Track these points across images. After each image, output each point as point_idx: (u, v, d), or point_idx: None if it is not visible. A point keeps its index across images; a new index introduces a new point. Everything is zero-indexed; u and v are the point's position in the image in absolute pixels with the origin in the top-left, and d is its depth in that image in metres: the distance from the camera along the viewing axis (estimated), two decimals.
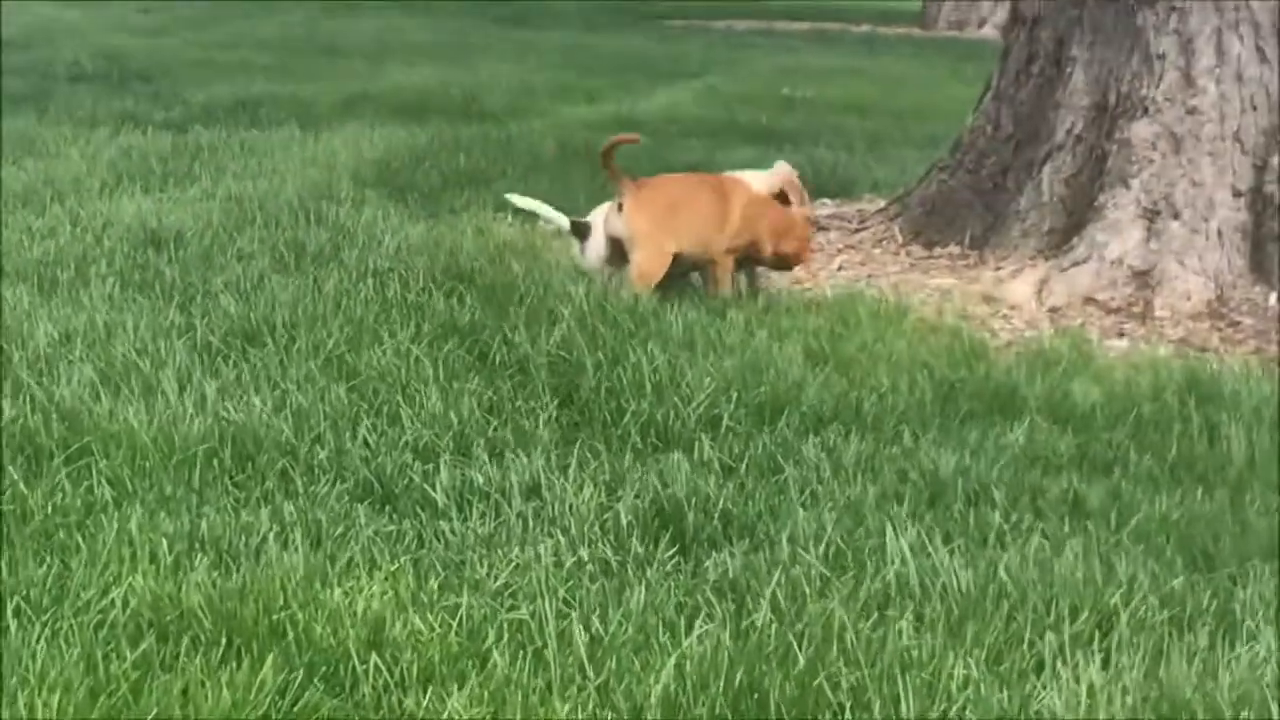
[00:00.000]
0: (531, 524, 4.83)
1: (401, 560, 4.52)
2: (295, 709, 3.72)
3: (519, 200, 7.91)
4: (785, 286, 8.25)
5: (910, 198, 9.61)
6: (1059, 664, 3.97)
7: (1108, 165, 8.47)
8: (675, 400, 5.77)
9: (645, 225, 7.36)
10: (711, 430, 5.64)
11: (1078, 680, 3.89)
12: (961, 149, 9.45)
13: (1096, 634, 4.18)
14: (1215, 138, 8.31)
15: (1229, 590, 4.50)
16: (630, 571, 4.53)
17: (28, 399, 5.43)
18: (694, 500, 4.95)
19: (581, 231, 7.61)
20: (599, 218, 7.59)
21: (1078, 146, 8.67)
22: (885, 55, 22.66)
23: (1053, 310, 7.98)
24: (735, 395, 5.88)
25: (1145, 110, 8.41)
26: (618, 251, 7.43)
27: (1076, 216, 8.52)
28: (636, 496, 5.00)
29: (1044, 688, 3.89)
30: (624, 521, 4.83)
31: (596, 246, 7.48)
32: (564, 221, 7.70)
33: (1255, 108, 8.34)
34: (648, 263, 7.32)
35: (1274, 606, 4.36)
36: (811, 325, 7.00)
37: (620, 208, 7.38)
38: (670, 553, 4.66)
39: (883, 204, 10.26)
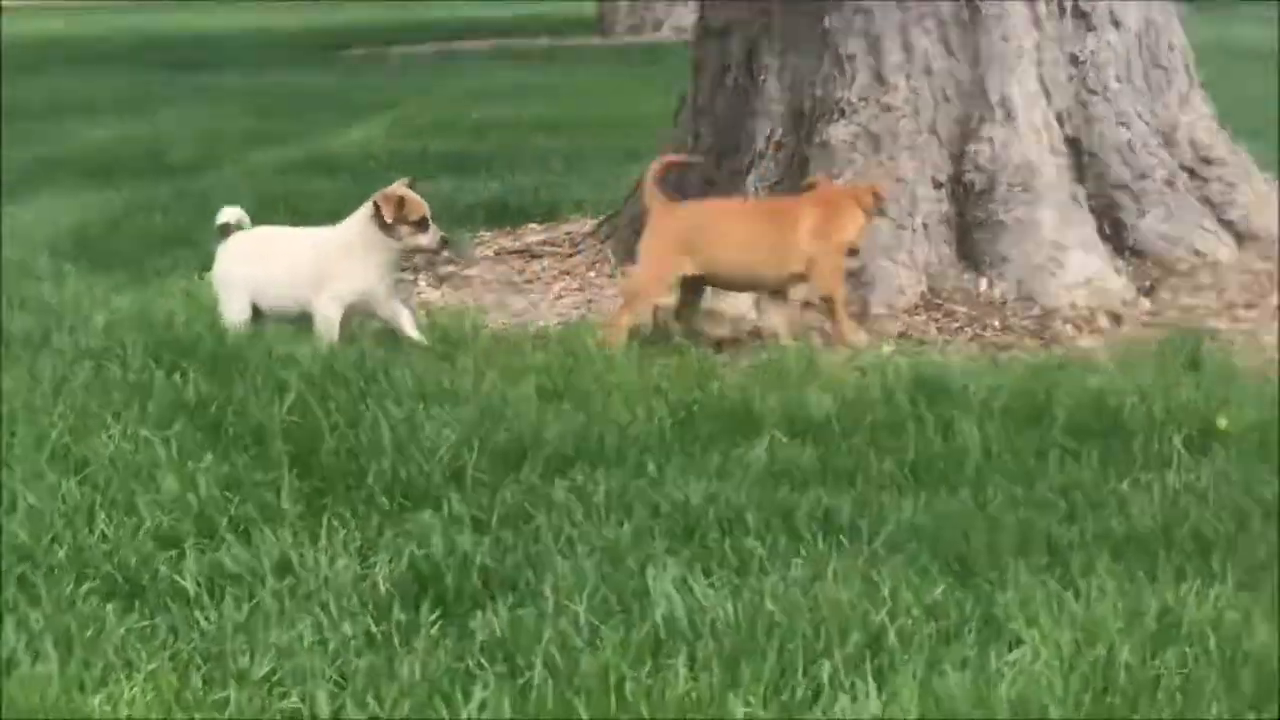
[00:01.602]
0: (288, 603, 4.72)
1: (160, 658, 4.38)
2: None
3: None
4: (507, 322, 8.21)
5: (619, 217, 9.64)
6: (842, 691, 3.98)
7: (810, 169, 8.58)
8: (417, 456, 5.70)
9: None
10: (457, 483, 5.58)
11: (856, 705, 3.91)
12: None
13: (868, 654, 4.21)
14: (912, 132, 8.48)
15: (989, 594, 4.56)
16: (397, 642, 4.44)
17: None
18: (450, 559, 4.88)
19: (225, 232, 7.73)
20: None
21: (779, 153, 8.77)
22: (570, 67, 22.75)
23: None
24: (477, 444, 5.82)
25: (841, 112, 8.55)
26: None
27: None
28: (391, 562, 4.91)
29: (824, 717, 3.90)
30: (382, 590, 4.74)
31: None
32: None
33: (947, 99, 8.53)
34: None
35: (1033, 607, 4.42)
36: (541, 361, 6.97)
37: None
38: (434, 617, 4.59)
39: (589, 225, 10.28)
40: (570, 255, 9.59)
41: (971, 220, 8.42)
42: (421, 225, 7.47)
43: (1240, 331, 7.59)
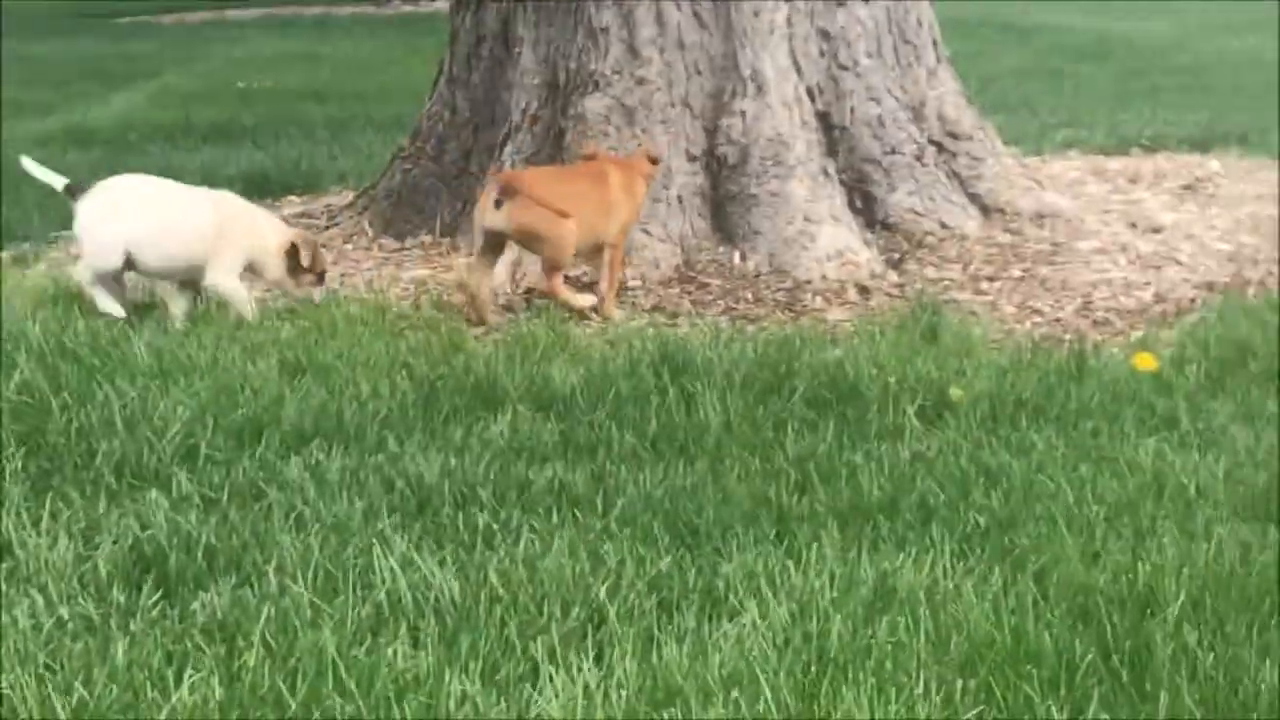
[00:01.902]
0: (5, 586, 4.62)
1: None
2: None
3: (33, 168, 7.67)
4: (259, 295, 8.10)
5: (377, 190, 9.57)
6: (553, 668, 3.98)
7: (565, 141, 8.57)
8: (149, 434, 5.61)
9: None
10: (189, 462, 5.50)
11: (573, 681, 3.91)
12: (421, 136, 9.45)
13: (589, 629, 4.22)
14: (666, 105, 8.50)
15: (714, 565, 4.59)
16: (114, 625, 4.37)
17: None
18: (175, 540, 4.81)
19: (74, 193, 7.46)
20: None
21: (535, 125, 8.75)
22: (342, 37, 22.55)
23: (528, 292, 8.03)
24: (212, 421, 5.74)
25: (596, 85, 8.54)
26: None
27: None
28: (115, 543, 4.83)
29: (540, 694, 3.90)
30: (103, 572, 4.66)
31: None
32: (58, 182, 7.54)
33: (700, 72, 8.56)
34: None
35: (755, 579, 4.46)
36: (286, 336, 6.90)
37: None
38: (154, 599, 4.51)
39: (350, 197, 10.19)
40: (328, 228, 9.50)
41: (725, 194, 8.46)
42: (320, 280, 7.61)
43: (981, 303, 7.71)
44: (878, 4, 8.84)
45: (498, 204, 7.43)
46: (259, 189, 10.82)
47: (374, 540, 4.79)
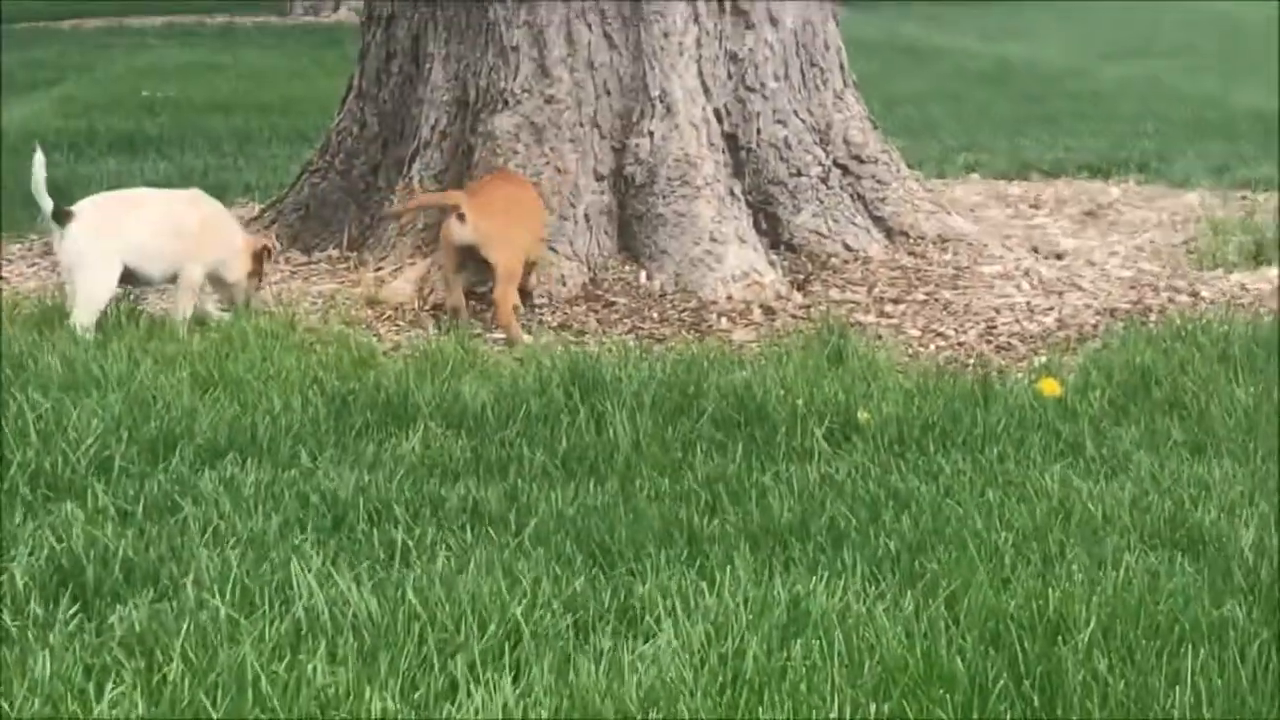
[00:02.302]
0: None
1: None
2: None
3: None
4: (166, 307, 8.11)
5: (284, 203, 9.58)
6: (470, 685, 4.03)
7: (474, 159, 8.63)
8: (63, 445, 5.62)
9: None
10: (104, 474, 5.51)
11: (492, 699, 3.97)
12: (330, 150, 9.47)
13: (506, 647, 4.27)
14: (575, 124, 8.57)
15: (629, 585, 4.66)
16: (31, 637, 4.38)
17: None
18: (92, 553, 4.83)
19: (63, 219, 7.31)
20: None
21: (444, 142, 8.81)
22: (246, 47, 22.48)
23: (435, 308, 8.08)
24: (126, 434, 5.76)
25: (505, 103, 8.59)
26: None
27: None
28: (31, 555, 4.84)
29: (458, 710, 3.95)
30: (20, 584, 4.67)
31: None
32: (47, 205, 7.33)
33: (609, 92, 8.63)
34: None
35: (669, 599, 4.52)
36: (197, 348, 6.91)
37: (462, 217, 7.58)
38: (72, 611, 4.53)
39: (257, 210, 10.20)
40: None
41: (632, 213, 8.54)
42: (260, 280, 7.80)
43: (886, 326, 7.82)
44: (785, 28, 8.95)
45: (461, 218, 7.55)
46: None
47: (291, 555, 4.83)
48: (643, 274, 8.38)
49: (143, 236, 7.43)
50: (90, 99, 16.48)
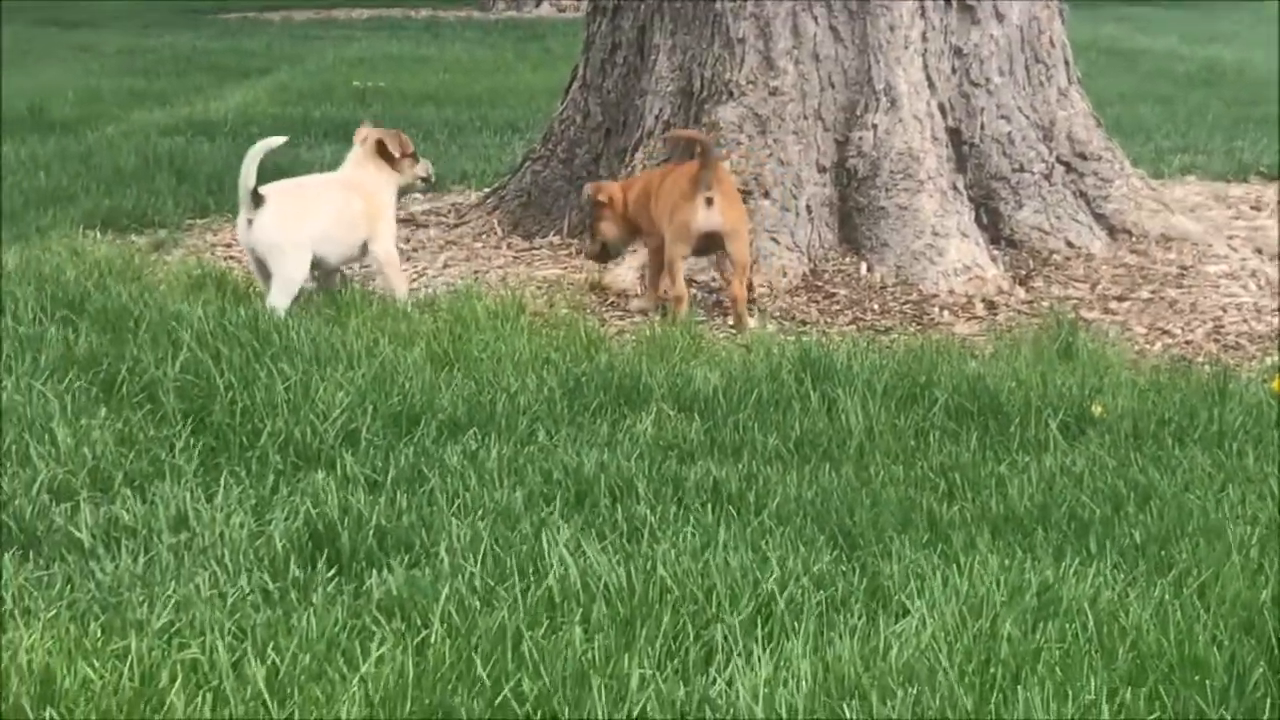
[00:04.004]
0: (185, 557, 4.78)
1: (58, 606, 4.43)
2: None
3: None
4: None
5: (506, 189, 9.72)
6: (734, 655, 4.10)
7: (696, 151, 8.67)
8: (311, 417, 5.76)
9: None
10: (351, 445, 5.65)
11: (751, 669, 4.02)
12: (553, 139, 9.59)
13: (759, 620, 4.33)
14: (798, 116, 8.61)
15: (875, 565, 4.70)
16: (294, 597, 4.51)
17: None
18: (346, 518, 4.96)
19: (258, 201, 7.39)
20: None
21: (667, 133, 8.87)
22: (450, 41, 22.71)
23: (659, 295, 8.15)
24: (371, 408, 5.89)
25: (730, 94, 8.66)
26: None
27: None
28: (287, 519, 4.98)
29: (719, 678, 4.01)
30: (278, 546, 4.80)
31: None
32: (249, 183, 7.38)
33: (834, 85, 8.67)
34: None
35: (918, 580, 4.56)
36: (431, 328, 7.04)
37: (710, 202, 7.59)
38: (330, 574, 4.66)
39: (475, 196, 10.36)
40: (456, 225, 9.66)
41: (853, 205, 8.57)
42: (415, 158, 7.93)
43: (1111, 323, 7.79)
44: (1011, 23, 8.93)
45: (709, 203, 7.58)
46: None
47: (539, 527, 4.93)
48: (863, 266, 8.41)
49: (325, 224, 7.57)
50: (303, 88, 16.75)
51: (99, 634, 4.27)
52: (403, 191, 8.09)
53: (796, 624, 4.28)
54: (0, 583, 4.56)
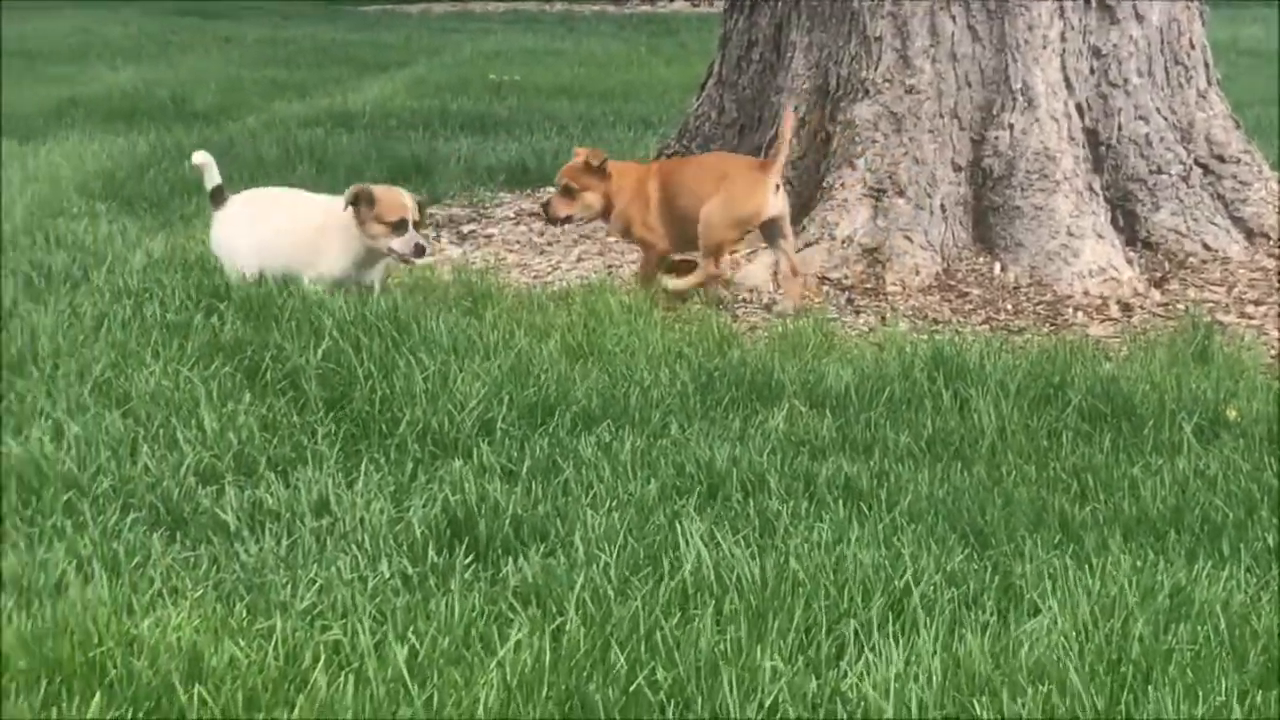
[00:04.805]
0: (327, 541, 4.88)
1: (204, 587, 4.54)
2: None
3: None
4: (529, 281, 8.37)
5: None
6: (865, 649, 4.14)
7: (832, 147, 8.74)
8: (449, 407, 5.85)
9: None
10: (488, 435, 5.74)
11: (882, 664, 4.07)
12: (687, 134, 9.66)
13: (890, 616, 4.37)
14: (934, 115, 8.62)
15: (1007, 564, 4.72)
16: (432, 583, 4.60)
17: None
18: (483, 506, 5.04)
19: (218, 200, 7.52)
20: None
21: (802, 130, 8.91)
22: (584, 35, 22.85)
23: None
24: (507, 398, 5.97)
25: (866, 92, 8.69)
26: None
27: (805, 198, 8.76)
28: (426, 506, 5.07)
29: (850, 672, 4.06)
30: (417, 533, 4.89)
31: None
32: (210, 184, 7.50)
33: (970, 84, 8.67)
34: None
35: (1050, 579, 4.58)
36: (565, 321, 7.12)
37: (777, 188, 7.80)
38: (467, 561, 4.75)
39: None
40: (590, 220, 9.71)
41: (988, 205, 8.57)
42: (398, 228, 7.26)
43: (1248, 327, 7.74)
44: (1151, 24, 8.89)
45: (777, 189, 7.70)
46: (519, 179, 11.13)
47: (674, 519, 4.99)
48: (997, 265, 8.41)
49: (266, 235, 7.46)
50: (440, 81, 16.93)
51: (244, 614, 4.37)
52: (370, 254, 7.41)
53: (928, 620, 4.32)
54: (149, 562, 4.68)
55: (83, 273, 7.37)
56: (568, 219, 8.13)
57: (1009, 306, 8.08)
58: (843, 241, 8.45)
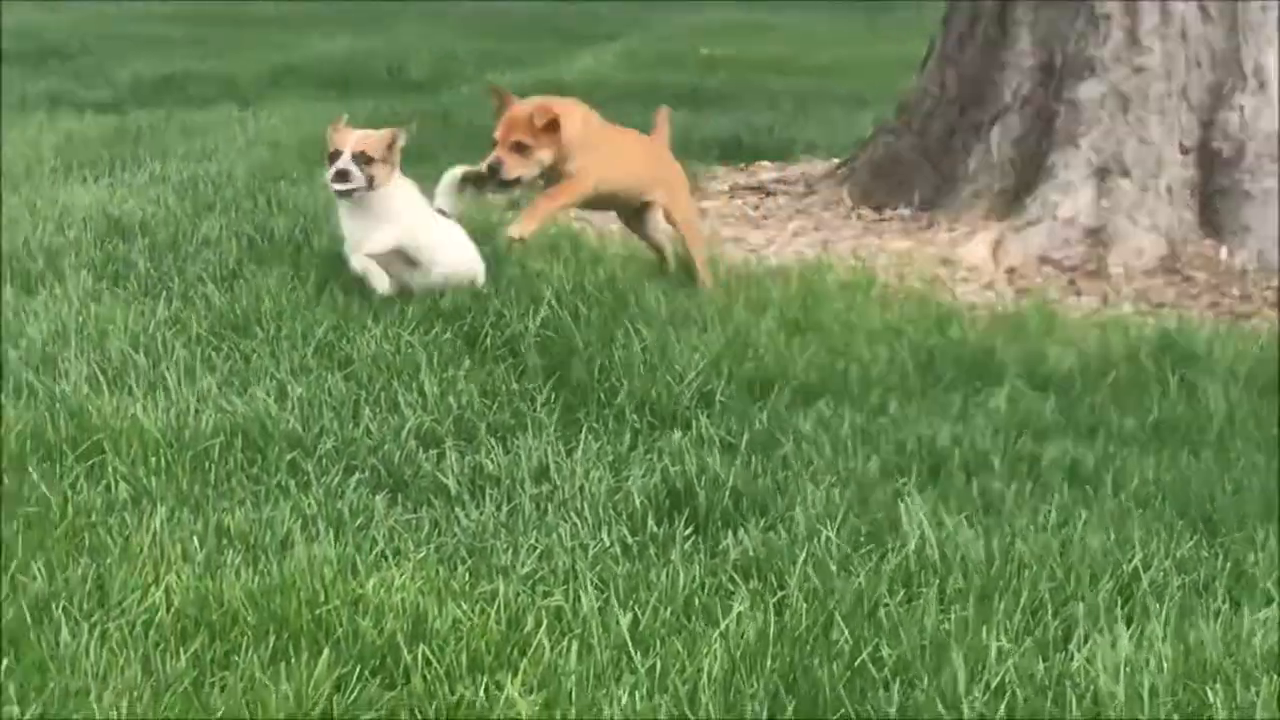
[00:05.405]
0: (546, 508, 4.88)
1: (426, 549, 4.57)
2: (353, 702, 3.76)
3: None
4: (744, 256, 8.33)
5: (857, 161, 9.71)
6: (1094, 632, 4.06)
7: (1056, 125, 8.61)
8: (667, 378, 5.83)
9: None
10: (706, 407, 5.71)
11: (1112, 648, 3.98)
12: (906, 111, 9.56)
13: (1119, 601, 4.28)
14: (1163, 96, 8.46)
15: (1239, 553, 4.61)
16: (652, 553, 4.58)
17: (30, 396, 5.43)
18: (703, 478, 5.01)
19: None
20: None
21: (1025, 108, 8.80)
22: (793, 9, 22.75)
23: (1009, 271, 8.10)
24: (726, 371, 5.94)
25: (1092, 70, 8.55)
26: None
27: (1026, 177, 8.64)
28: (645, 476, 5.05)
29: (1078, 655, 3.98)
30: (637, 502, 4.88)
31: None
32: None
33: (1200, 65, 8.50)
34: None
35: None
36: (782, 296, 7.08)
37: None
38: (687, 532, 4.72)
39: (822, 166, 10.37)
40: (806, 195, 9.68)
41: (1215, 188, 8.39)
42: (331, 161, 6.68)
43: None
44: None
45: None
46: (732, 153, 11.09)
47: (895, 497, 4.93)
48: (1223, 250, 8.23)
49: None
50: (650, 54, 16.94)
51: (466, 577, 4.38)
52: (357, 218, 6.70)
53: (1158, 606, 4.22)
54: (372, 523, 4.71)
55: (304, 236, 7.44)
56: (517, 181, 6.91)
57: (1235, 292, 7.91)
58: (1065, 222, 8.33)
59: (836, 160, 10.27)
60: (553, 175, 6.88)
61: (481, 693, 3.78)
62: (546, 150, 6.85)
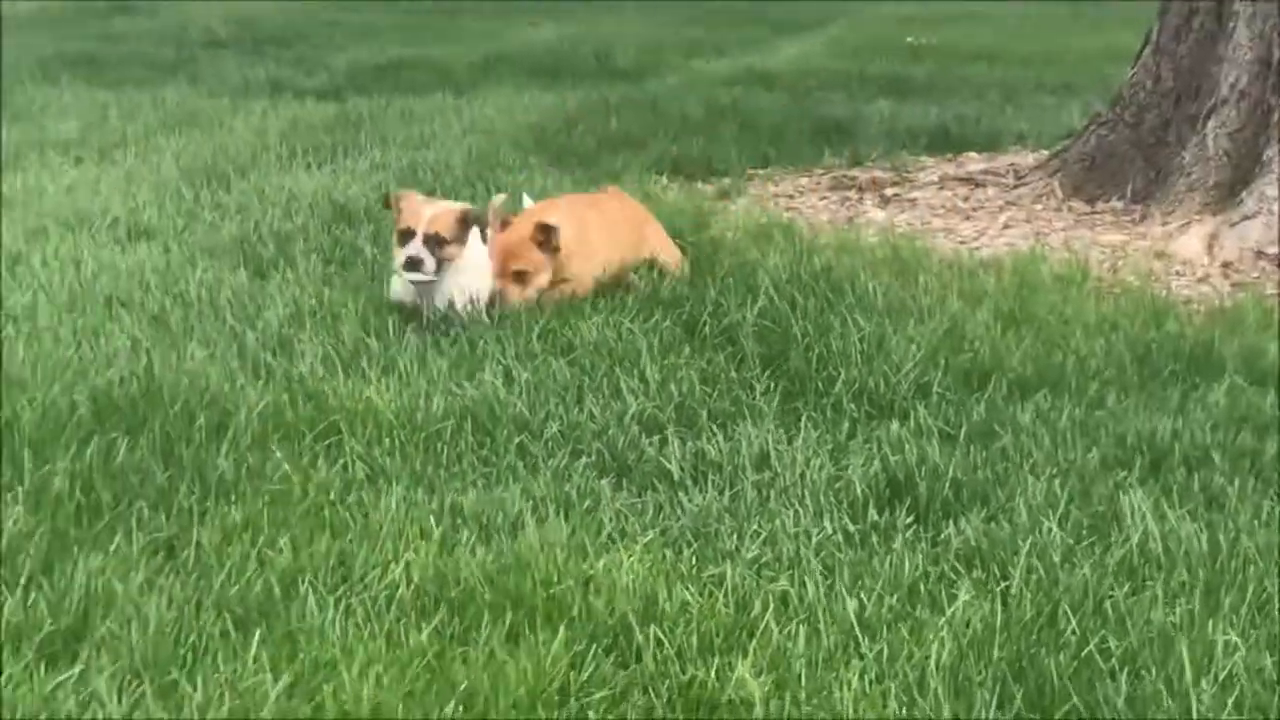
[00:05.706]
0: (768, 495, 4.96)
1: (652, 532, 4.67)
2: (588, 680, 3.87)
3: None
4: (955, 247, 8.34)
5: (1068, 152, 9.66)
6: None
7: (1274, 120, 8.50)
8: (884, 368, 5.89)
9: None
10: (923, 398, 5.76)
11: None
12: (1120, 103, 9.49)
13: None
14: None
15: None
16: (874, 541, 4.65)
17: (269, 378, 5.62)
18: (923, 468, 5.07)
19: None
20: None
21: (1242, 101, 8.71)
22: None
23: (1224, 265, 8.03)
24: (943, 362, 5.99)
25: None
26: None
27: (1242, 171, 8.55)
28: (864, 465, 5.12)
29: None
30: (857, 491, 4.95)
31: None
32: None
33: None
34: None
35: None
36: (995, 287, 7.09)
37: None
38: (908, 521, 4.78)
39: (1031, 157, 10.34)
40: (1016, 186, 9.66)
41: None
42: (404, 238, 6.49)
43: None
44: None
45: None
46: (940, 144, 11.09)
47: (1116, 490, 4.95)
48: None
49: None
50: (857, 42, 16.94)
51: (692, 561, 4.48)
52: None
53: None
54: (599, 506, 4.83)
55: None
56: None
57: None
58: None
59: (1046, 151, 10.24)
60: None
61: (713, 674, 3.88)
62: (545, 275, 6.70)
